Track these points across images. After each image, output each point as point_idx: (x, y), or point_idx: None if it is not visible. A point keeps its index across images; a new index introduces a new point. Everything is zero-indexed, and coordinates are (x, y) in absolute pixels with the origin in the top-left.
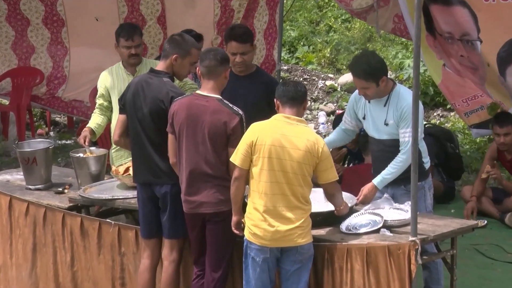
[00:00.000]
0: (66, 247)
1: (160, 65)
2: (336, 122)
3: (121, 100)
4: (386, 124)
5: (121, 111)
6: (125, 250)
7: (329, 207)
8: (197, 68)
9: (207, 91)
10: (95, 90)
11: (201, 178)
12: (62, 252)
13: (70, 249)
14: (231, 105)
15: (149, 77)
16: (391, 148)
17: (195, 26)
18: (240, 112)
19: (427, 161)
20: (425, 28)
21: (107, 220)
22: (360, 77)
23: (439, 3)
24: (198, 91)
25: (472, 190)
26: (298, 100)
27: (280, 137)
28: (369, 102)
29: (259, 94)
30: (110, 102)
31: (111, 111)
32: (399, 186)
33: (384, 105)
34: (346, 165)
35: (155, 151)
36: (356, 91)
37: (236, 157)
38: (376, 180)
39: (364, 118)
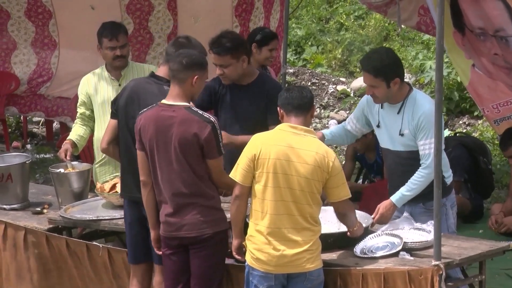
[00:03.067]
0: (58, 269)
1: (162, 70)
2: None
3: (114, 104)
4: (402, 135)
5: (113, 115)
6: (120, 274)
7: (341, 228)
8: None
9: (172, 99)
10: (77, 98)
11: (181, 199)
12: (54, 273)
13: (62, 271)
14: (201, 112)
15: (147, 82)
16: (408, 160)
17: (210, 10)
18: (212, 118)
19: (448, 176)
20: (452, 24)
21: (94, 243)
22: (370, 72)
23: None
24: (164, 101)
25: (502, 207)
26: (304, 107)
27: (286, 149)
28: (381, 107)
29: (260, 109)
30: (92, 111)
31: (94, 120)
32: (417, 204)
33: (398, 113)
34: (361, 181)
35: None
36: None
37: (237, 173)
38: (394, 198)
39: (378, 126)
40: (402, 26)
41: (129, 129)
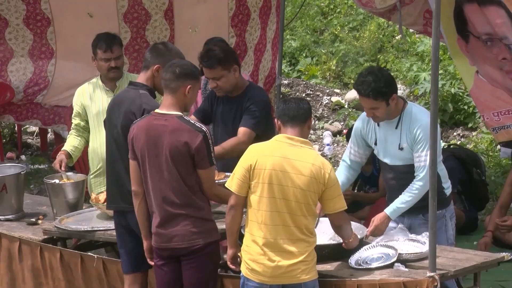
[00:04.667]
0: (49, 283)
1: (140, 77)
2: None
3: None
4: (401, 149)
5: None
6: (116, 284)
7: (336, 239)
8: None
9: (166, 108)
10: (71, 109)
11: (171, 209)
12: (45, 286)
13: (52, 284)
14: (193, 121)
15: (126, 90)
16: (407, 175)
17: (206, 20)
18: (204, 128)
19: (447, 187)
20: (455, 30)
21: (89, 253)
22: (369, 96)
23: (475, 2)
24: (157, 110)
25: (489, 224)
26: (300, 118)
27: (281, 160)
28: (378, 125)
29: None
30: (87, 122)
31: (89, 131)
32: (416, 216)
33: (396, 127)
34: (356, 190)
35: (129, 175)
36: (362, 115)
37: (232, 183)
38: (388, 210)
39: (375, 143)
40: (410, 30)
41: (114, 139)
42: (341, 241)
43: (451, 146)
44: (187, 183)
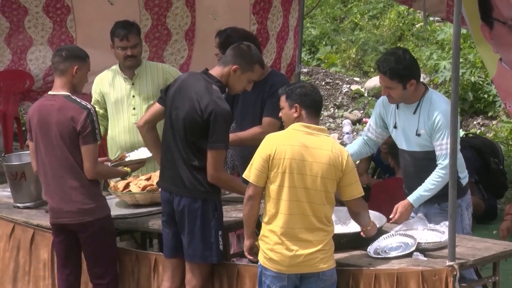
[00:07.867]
0: (46, 276)
1: (215, 70)
2: None
3: (165, 91)
4: (418, 135)
5: (159, 100)
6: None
7: (354, 228)
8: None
9: (55, 89)
10: (90, 96)
11: (62, 185)
12: (41, 282)
13: (51, 279)
14: (79, 100)
15: (198, 78)
16: (423, 161)
17: (227, 8)
18: (89, 106)
19: (464, 176)
20: (479, 17)
21: None
22: (386, 75)
23: None
24: (49, 92)
25: (510, 207)
26: (320, 108)
27: (300, 149)
28: (397, 108)
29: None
30: (106, 110)
31: (108, 119)
32: (432, 205)
33: (414, 113)
34: (375, 178)
35: (181, 160)
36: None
37: (250, 173)
38: (412, 197)
39: (395, 127)
40: (431, 18)
41: (171, 119)
42: (360, 229)
43: (470, 135)
44: (76, 160)
